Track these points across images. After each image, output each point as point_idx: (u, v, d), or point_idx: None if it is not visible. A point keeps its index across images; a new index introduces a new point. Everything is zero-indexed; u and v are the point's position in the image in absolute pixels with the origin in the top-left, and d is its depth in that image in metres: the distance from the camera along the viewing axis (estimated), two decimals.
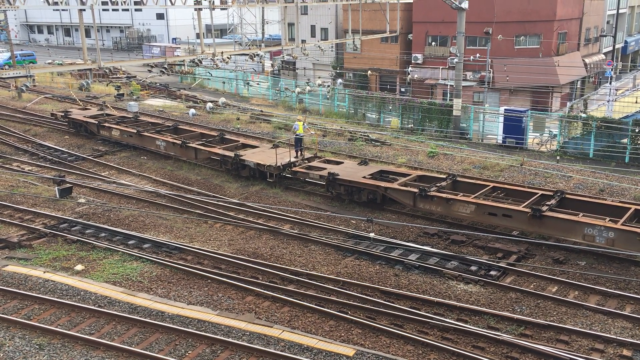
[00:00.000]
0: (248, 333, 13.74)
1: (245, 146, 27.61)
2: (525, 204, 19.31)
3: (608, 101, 37.06)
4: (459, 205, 19.83)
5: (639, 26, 65.88)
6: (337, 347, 13.16)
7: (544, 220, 18.35)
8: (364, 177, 22.37)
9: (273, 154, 24.83)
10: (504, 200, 20.55)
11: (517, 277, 17.09)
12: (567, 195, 20.20)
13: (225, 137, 29.07)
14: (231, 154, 25.72)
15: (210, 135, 29.47)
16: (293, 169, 24.09)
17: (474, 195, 20.26)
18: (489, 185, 21.44)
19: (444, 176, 22.49)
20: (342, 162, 24.83)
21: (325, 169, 23.59)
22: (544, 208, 18.58)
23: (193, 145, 27.12)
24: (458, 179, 22.32)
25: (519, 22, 42.16)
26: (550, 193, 20.32)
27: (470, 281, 16.70)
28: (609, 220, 17.99)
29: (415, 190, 20.71)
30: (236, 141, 28.57)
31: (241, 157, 25.24)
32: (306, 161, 24.89)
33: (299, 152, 25.75)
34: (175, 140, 28.00)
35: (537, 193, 20.38)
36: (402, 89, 47.13)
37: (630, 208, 18.70)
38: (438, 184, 21.18)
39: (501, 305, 15.49)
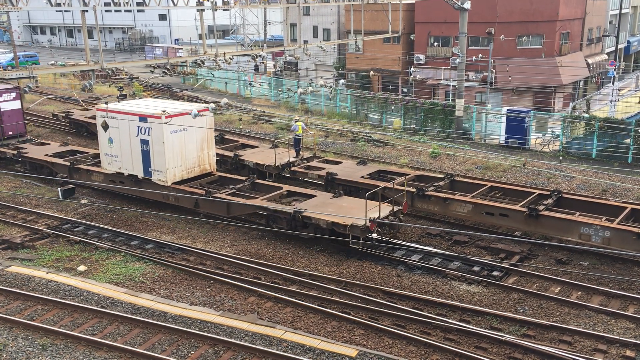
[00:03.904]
0: (250, 334, 13.76)
1: (244, 146, 27.64)
2: (522, 203, 19.37)
3: (611, 101, 37.00)
4: (456, 204, 19.87)
5: None
6: (340, 348, 13.16)
7: (541, 220, 18.39)
8: (362, 177, 22.41)
9: (272, 154, 24.84)
10: (502, 199, 20.59)
11: (520, 278, 17.07)
12: (564, 195, 20.28)
13: (225, 137, 29.11)
14: (230, 153, 25.76)
15: None
16: (292, 168, 24.13)
17: (471, 195, 20.30)
18: (486, 185, 21.49)
19: (442, 176, 22.54)
20: (341, 162, 24.87)
21: (324, 168, 23.63)
22: (541, 207, 18.62)
23: None
24: (456, 178, 22.41)
25: (521, 23, 42.10)
26: (547, 192, 20.38)
27: (472, 282, 16.69)
28: (605, 219, 18.03)
29: (413, 190, 20.76)
30: (236, 141, 28.61)
31: (240, 157, 25.26)
32: (305, 161, 24.91)
33: (298, 152, 25.79)
34: None
35: (534, 193, 20.45)
36: (405, 90, 47.08)
37: (626, 207, 18.76)
38: (436, 184, 21.23)
39: (504, 306, 15.48)
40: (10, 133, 28.91)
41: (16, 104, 29.16)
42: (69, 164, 24.31)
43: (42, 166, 25.53)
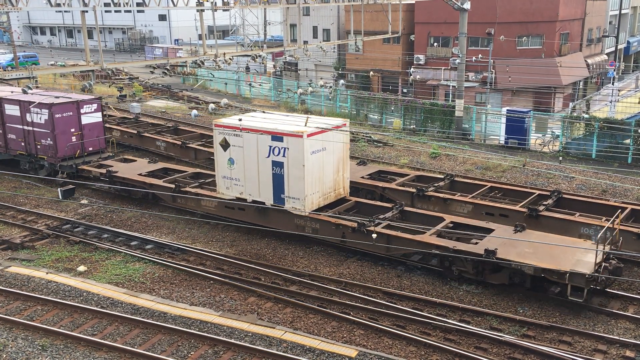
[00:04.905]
0: (250, 334, 13.75)
1: None
2: (522, 203, 19.38)
3: (610, 102, 37.00)
4: (456, 205, 19.87)
5: None
6: (340, 348, 13.15)
7: (541, 220, 18.39)
8: (362, 177, 22.40)
9: None
10: (502, 200, 20.60)
11: None
12: (564, 195, 20.29)
13: None
14: None
15: (210, 136, 29.50)
16: None
17: (471, 195, 20.31)
18: (486, 185, 21.50)
19: (442, 176, 22.55)
20: None
21: None
22: (541, 208, 18.63)
23: (192, 145, 27.20)
24: (456, 179, 22.41)
25: (521, 23, 42.12)
26: (547, 193, 20.40)
27: (472, 282, 16.67)
28: (605, 219, 18.03)
29: (413, 190, 20.76)
30: None
31: None
32: None
33: None
34: (175, 141, 28.10)
35: (534, 193, 20.47)
36: (404, 90, 47.10)
37: (626, 208, 18.76)
38: (436, 184, 21.24)
39: (504, 306, 15.47)
40: (91, 149, 25.68)
41: (97, 117, 25.93)
42: (172, 186, 21.30)
43: (134, 187, 22.80)
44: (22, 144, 25.61)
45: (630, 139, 28.74)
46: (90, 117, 25.54)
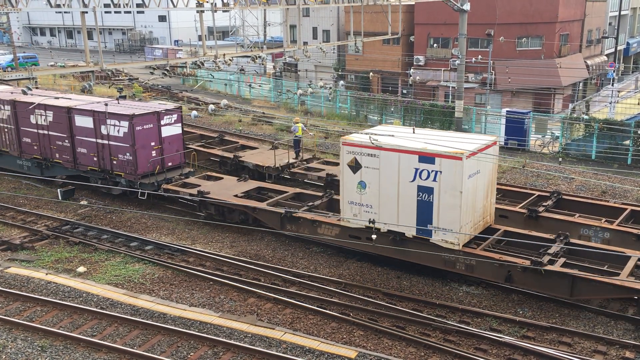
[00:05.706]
0: (250, 335, 13.76)
1: (244, 147, 27.66)
2: (522, 204, 19.37)
3: (610, 103, 37.02)
4: None
5: None
6: (339, 349, 13.15)
7: (540, 221, 18.37)
8: None
9: (272, 155, 24.84)
10: (501, 201, 20.59)
11: None
12: (564, 196, 20.28)
13: (225, 138, 29.15)
14: (230, 155, 25.79)
15: (210, 137, 29.55)
16: (292, 170, 24.14)
17: None
18: None
19: None
20: None
21: (323, 170, 23.65)
22: (540, 209, 18.63)
23: (192, 146, 27.19)
24: None
25: (521, 24, 42.14)
26: (547, 194, 20.40)
27: (472, 283, 16.68)
28: (605, 220, 18.04)
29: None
30: (235, 142, 28.64)
31: (240, 158, 25.28)
32: (305, 162, 24.90)
33: (298, 154, 25.82)
34: None
35: (534, 194, 20.46)
36: (404, 91, 47.11)
37: (626, 209, 18.78)
38: None
39: (503, 308, 15.48)
40: (170, 164, 23.00)
41: (177, 129, 23.19)
42: (282, 212, 18.92)
43: (231, 210, 20.55)
44: (95, 159, 22.93)
45: (630, 140, 28.76)
46: (170, 128, 22.96)
